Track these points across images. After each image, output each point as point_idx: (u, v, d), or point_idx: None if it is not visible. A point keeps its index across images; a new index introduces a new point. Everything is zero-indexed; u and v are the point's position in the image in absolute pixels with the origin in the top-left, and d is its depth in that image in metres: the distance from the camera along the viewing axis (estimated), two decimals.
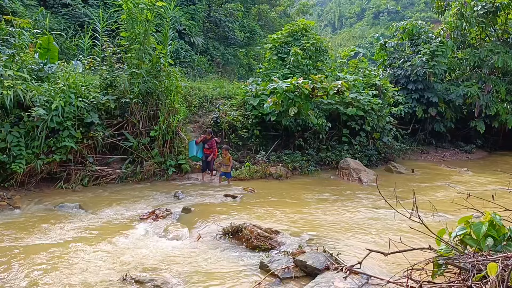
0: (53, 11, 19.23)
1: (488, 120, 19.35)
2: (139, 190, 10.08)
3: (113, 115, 11.38)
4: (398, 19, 52.03)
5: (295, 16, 39.41)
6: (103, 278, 4.94)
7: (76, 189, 9.97)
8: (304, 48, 15.81)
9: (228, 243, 6.24)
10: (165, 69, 11.69)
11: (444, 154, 18.78)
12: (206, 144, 11.36)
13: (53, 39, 12.08)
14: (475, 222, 4.46)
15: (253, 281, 4.91)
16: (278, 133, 14.20)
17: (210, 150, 11.35)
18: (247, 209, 8.36)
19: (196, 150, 11.26)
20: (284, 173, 12.12)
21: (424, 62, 18.17)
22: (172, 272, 5.17)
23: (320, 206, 8.79)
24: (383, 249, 4.86)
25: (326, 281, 4.55)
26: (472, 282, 3.75)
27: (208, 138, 11.36)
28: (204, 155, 11.38)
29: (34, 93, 9.74)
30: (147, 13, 11.22)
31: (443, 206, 8.04)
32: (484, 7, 18.93)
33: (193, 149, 11.27)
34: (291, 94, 12.11)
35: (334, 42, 69.25)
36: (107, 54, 11.82)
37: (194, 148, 11.28)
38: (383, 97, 15.76)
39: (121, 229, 6.96)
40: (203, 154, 11.38)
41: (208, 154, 11.37)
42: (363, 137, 14.71)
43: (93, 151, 10.82)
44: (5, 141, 9.26)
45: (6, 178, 9.41)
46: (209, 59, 25.59)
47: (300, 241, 6.17)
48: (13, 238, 6.45)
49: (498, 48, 19.03)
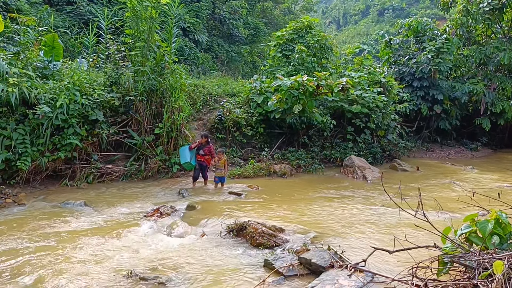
0: (58, 9, 19.26)
1: (494, 117, 19.27)
2: (143, 188, 10.10)
3: (118, 112, 11.41)
4: (403, 16, 51.76)
5: (299, 13, 39.23)
6: (108, 275, 4.95)
7: (81, 187, 10.01)
8: (309, 46, 15.76)
9: (232, 241, 6.24)
10: (169, 67, 11.69)
11: (449, 152, 18.71)
12: (202, 150, 10.29)
13: (57, 37, 12.10)
14: (481, 220, 4.44)
15: (257, 278, 4.90)
16: (283, 130, 14.18)
17: (205, 157, 10.29)
18: (251, 206, 8.35)
19: (190, 156, 10.25)
20: (288, 171, 12.11)
21: (429, 60, 18.08)
22: (177, 269, 5.18)
23: (325, 203, 8.76)
24: (388, 247, 4.85)
25: (331, 279, 4.53)
26: (478, 280, 3.73)
27: (203, 142, 10.36)
28: (197, 163, 10.35)
29: (39, 90, 9.78)
30: (151, 11, 11.22)
31: (449, 204, 8.00)
32: (490, 4, 18.81)
33: (186, 154, 10.29)
34: (295, 91, 12.09)
35: (338, 39, 68.98)
36: (111, 52, 11.85)
37: (188, 154, 10.29)
38: (388, 94, 15.71)
39: (126, 226, 6.98)
40: (196, 162, 10.34)
41: (201, 161, 10.31)
42: (368, 134, 14.67)
43: (97, 149, 10.86)
44: (10, 138, 9.30)
45: (12, 176, 9.45)
46: (213, 57, 25.55)
47: (305, 238, 6.16)
48: (17, 236, 6.47)
49: (504, 45, 18.91)
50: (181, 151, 10.58)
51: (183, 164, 10.45)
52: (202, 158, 10.32)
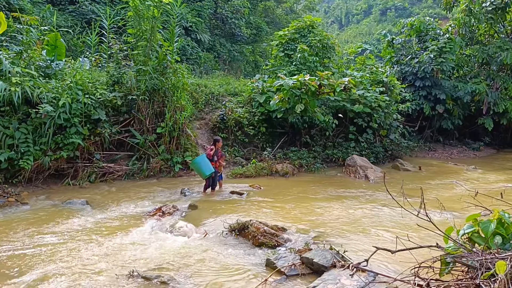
0: (61, 8, 19.30)
1: (496, 117, 19.20)
2: (145, 187, 10.12)
3: (120, 112, 11.42)
4: (406, 16, 51.70)
5: (301, 12, 39.19)
6: (110, 274, 4.96)
7: (83, 186, 10.02)
8: (311, 45, 15.74)
9: (234, 240, 6.24)
10: (171, 66, 11.69)
11: (451, 152, 18.66)
12: (215, 156, 9.61)
13: (60, 36, 12.12)
14: (483, 220, 4.43)
15: (259, 278, 4.91)
16: (285, 130, 14.17)
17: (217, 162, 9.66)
18: (253, 206, 8.35)
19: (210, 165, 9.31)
20: (290, 170, 12.10)
21: (432, 59, 18.03)
22: (179, 268, 5.18)
23: (327, 203, 8.76)
24: (390, 246, 4.84)
25: (333, 279, 4.53)
26: (481, 281, 3.72)
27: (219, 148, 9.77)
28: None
29: (41, 90, 9.80)
30: (153, 10, 11.22)
31: (451, 204, 7.98)
32: (493, 3, 18.72)
33: (209, 164, 9.25)
34: (297, 91, 12.08)
35: (341, 38, 68.91)
36: (114, 51, 11.86)
37: (209, 163, 9.28)
38: (390, 94, 15.67)
39: (128, 226, 6.99)
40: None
41: (216, 167, 9.60)
42: (370, 134, 14.64)
43: (100, 148, 10.87)
44: (13, 137, 9.32)
45: (14, 175, 9.47)
46: (216, 56, 25.56)
47: (307, 238, 6.17)
48: (20, 235, 6.49)
49: (507, 45, 18.84)
50: (201, 162, 9.31)
51: (209, 175, 9.31)
52: (217, 164, 9.61)
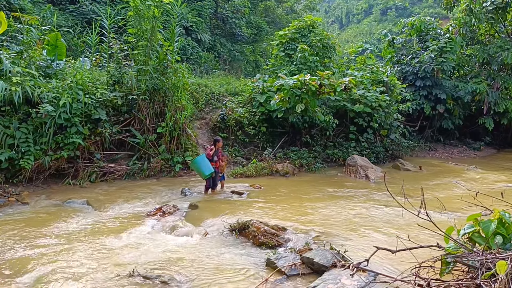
0: (61, 8, 19.31)
1: (497, 117, 19.17)
2: (146, 187, 10.11)
3: (121, 111, 11.42)
4: (406, 15, 51.65)
5: (302, 12, 39.18)
6: (111, 274, 4.96)
7: (84, 186, 10.02)
8: (311, 45, 15.73)
9: (234, 240, 6.25)
10: (172, 66, 11.69)
11: (452, 152, 18.64)
12: (216, 156, 9.51)
13: (60, 36, 12.13)
14: (484, 220, 4.42)
15: (259, 277, 4.91)
16: (285, 130, 14.16)
17: (217, 162, 9.54)
18: (253, 206, 8.35)
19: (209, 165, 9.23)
20: (290, 170, 12.10)
21: (432, 59, 18.01)
22: (179, 268, 5.18)
23: (327, 203, 8.76)
24: (391, 246, 4.84)
25: (333, 278, 4.53)
26: (481, 280, 3.72)
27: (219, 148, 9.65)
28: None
29: (42, 89, 9.80)
30: (154, 10, 11.22)
31: (452, 204, 7.97)
32: (493, 3, 18.69)
33: (208, 164, 9.16)
34: (298, 90, 12.07)
35: (341, 38, 68.84)
36: (114, 51, 11.86)
37: (208, 163, 9.20)
38: (391, 94, 15.66)
39: (128, 225, 6.99)
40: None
41: (216, 167, 9.50)
42: (371, 134, 14.63)
43: (100, 148, 10.87)
44: (13, 137, 9.32)
45: (15, 174, 9.47)
46: (216, 56, 25.56)
47: (307, 238, 6.16)
48: (21, 234, 6.49)
49: (507, 44, 18.80)
50: (200, 162, 9.23)
51: (208, 175, 9.23)
52: (217, 164, 9.50)
